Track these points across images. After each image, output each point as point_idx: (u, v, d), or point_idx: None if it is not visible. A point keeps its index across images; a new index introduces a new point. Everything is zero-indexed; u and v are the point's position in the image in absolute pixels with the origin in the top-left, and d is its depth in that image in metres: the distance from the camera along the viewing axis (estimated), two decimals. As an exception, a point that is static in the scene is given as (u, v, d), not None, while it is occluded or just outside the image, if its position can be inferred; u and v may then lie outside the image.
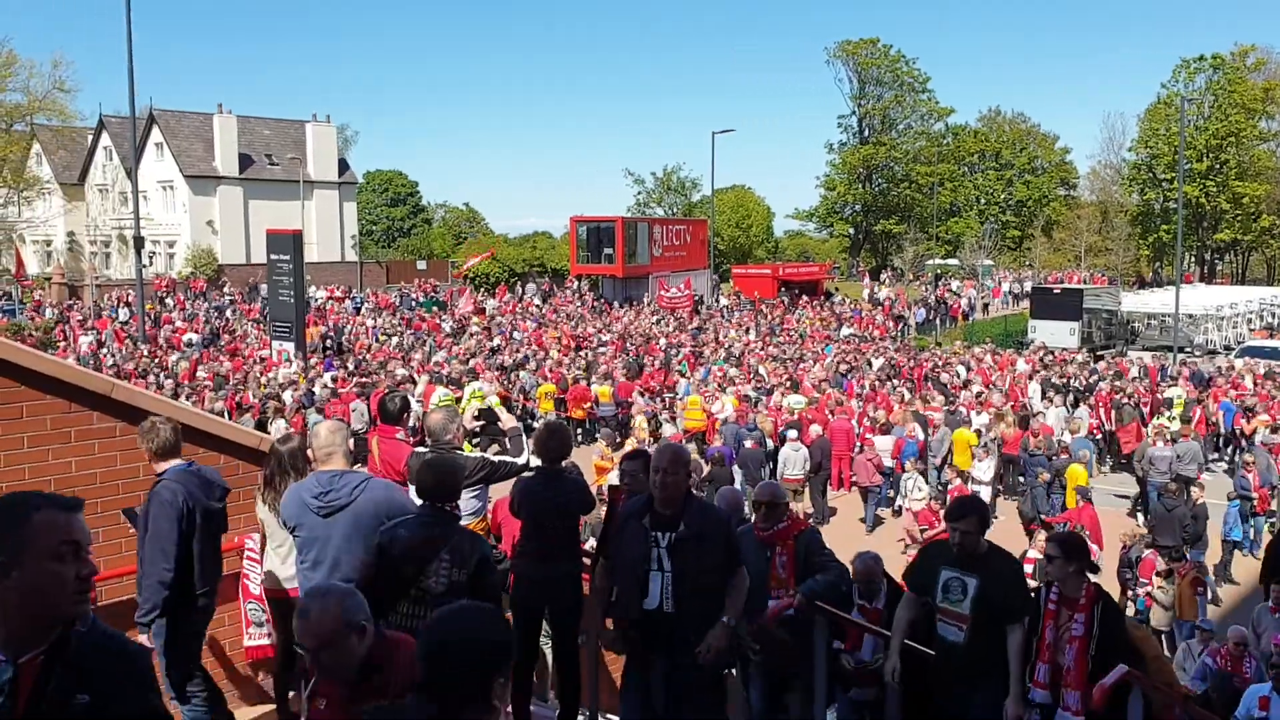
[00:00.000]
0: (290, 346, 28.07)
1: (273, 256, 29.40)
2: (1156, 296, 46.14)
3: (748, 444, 19.40)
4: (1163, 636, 12.58)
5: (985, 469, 18.23)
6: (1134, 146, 74.05)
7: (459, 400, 10.66)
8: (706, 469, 17.23)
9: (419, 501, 5.23)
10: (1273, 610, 9.56)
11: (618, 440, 20.91)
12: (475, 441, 9.26)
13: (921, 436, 19.83)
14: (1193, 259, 71.26)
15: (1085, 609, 5.51)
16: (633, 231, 49.16)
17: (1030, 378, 26.74)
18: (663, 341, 34.41)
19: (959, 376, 27.62)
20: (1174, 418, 21.64)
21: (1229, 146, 66.99)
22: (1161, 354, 34.74)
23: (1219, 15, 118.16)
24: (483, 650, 2.76)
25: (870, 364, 29.96)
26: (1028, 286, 54.13)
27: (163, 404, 6.80)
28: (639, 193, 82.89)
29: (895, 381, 26.57)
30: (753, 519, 6.91)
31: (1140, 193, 73.21)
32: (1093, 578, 5.87)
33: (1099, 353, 36.87)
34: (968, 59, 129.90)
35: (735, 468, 18.56)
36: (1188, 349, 37.59)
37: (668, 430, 20.44)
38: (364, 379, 24.56)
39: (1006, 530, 17.11)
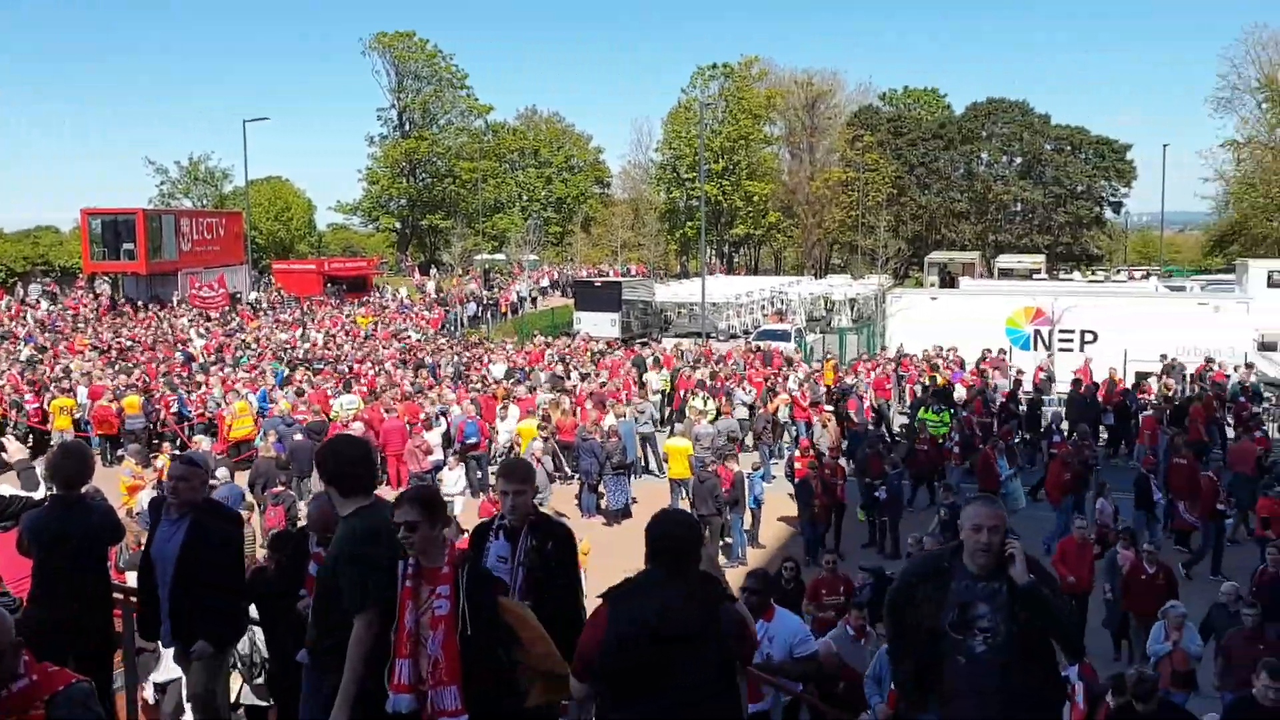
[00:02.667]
0: None
1: None
2: (685, 287, 49.78)
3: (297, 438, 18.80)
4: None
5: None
6: (659, 147, 79.50)
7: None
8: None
9: None
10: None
11: (149, 456, 18.91)
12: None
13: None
14: (714, 252, 77.82)
15: (449, 579, 4.35)
16: (157, 225, 44.88)
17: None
18: (198, 344, 31.70)
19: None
20: (706, 398, 23.23)
21: (740, 149, 73.79)
22: (701, 340, 37.40)
23: (728, 27, 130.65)
24: None
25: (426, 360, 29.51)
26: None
27: None
28: (162, 183, 76.32)
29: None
30: None
31: (667, 191, 78.74)
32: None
33: (638, 340, 39.06)
34: (502, 59, 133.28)
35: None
36: (714, 334, 40.81)
37: (205, 443, 18.64)
38: None
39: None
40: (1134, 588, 11.95)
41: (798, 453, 17.97)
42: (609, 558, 16.54)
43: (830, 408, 21.91)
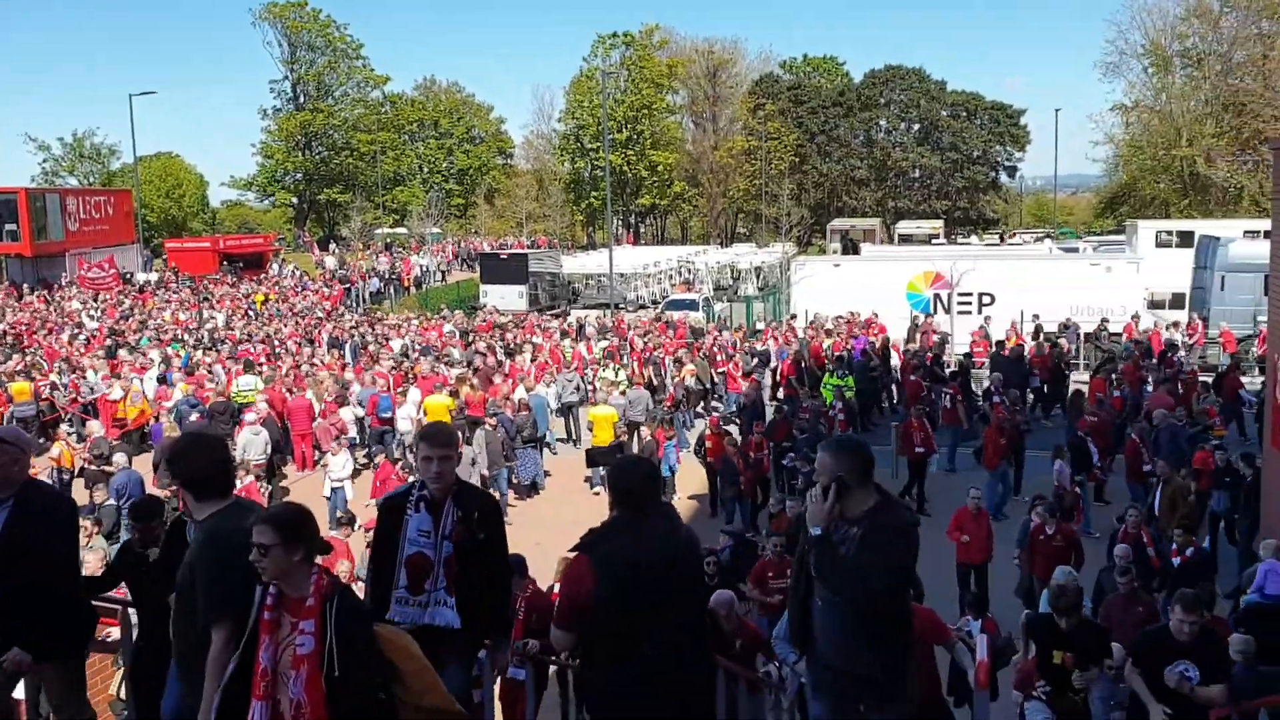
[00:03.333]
0: None
1: None
2: (592, 258, 49.59)
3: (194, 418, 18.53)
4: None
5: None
6: (562, 117, 78.90)
7: None
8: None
9: None
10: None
11: (41, 444, 18.36)
12: None
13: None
14: (620, 223, 77.75)
15: (314, 612, 3.84)
16: (41, 204, 43.14)
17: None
18: (91, 326, 30.60)
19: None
20: (618, 369, 23.21)
21: (643, 118, 73.65)
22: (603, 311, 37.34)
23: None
24: None
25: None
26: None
27: None
28: (45, 160, 73.56)
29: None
30: None
31: (571, 161, 78.25)
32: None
33: (547, 313, 38.84)
34: (398, 28, 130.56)
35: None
36: (623, 305, 40.78)
37: (97, 428, 18.08)
38: None
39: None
40: (1036, 550, 12.11)
41: (708, 430, 17.70)
42: (520, 530, 16.50)
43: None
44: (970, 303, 30.43)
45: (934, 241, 51.03)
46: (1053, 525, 12.16)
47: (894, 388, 24.03)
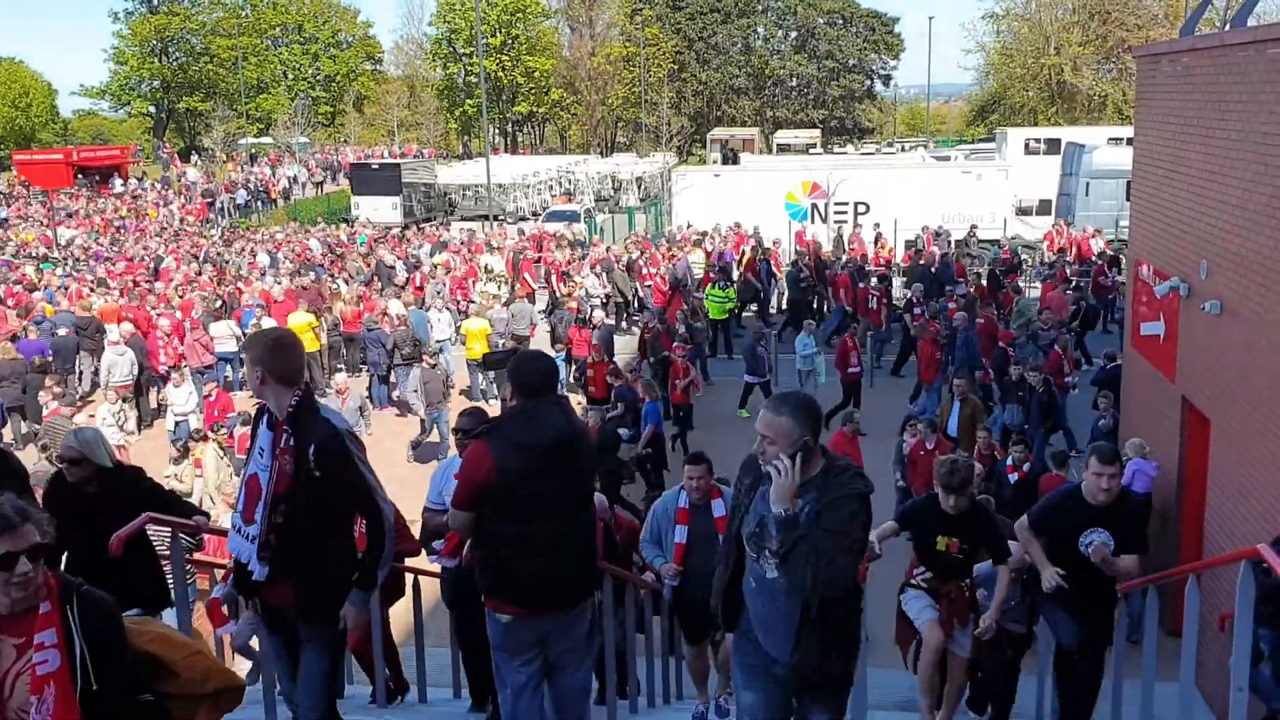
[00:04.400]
0: None
1: None
2: (469, 168, 48.49)
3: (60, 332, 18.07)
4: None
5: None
6: (434, 21, 76.28)
7: None
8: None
9: None
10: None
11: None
12: None
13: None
14: (496, 131, 76.11)
15: (53, 620, 3.05)
16: None
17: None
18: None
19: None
20: (496, 280, 22.87)
21: (518, 22, 71.74)
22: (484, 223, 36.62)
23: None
24: None
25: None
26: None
27: None
28: None
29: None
30: None
31: (444, 67, 75.97)
32: None
33: (421, 225, 37.94)
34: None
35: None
36: (501, 216, 40.07)
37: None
38: None
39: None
40: (918, 466, 12.03)
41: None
42: (402, 445, 16.31)
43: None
44: (846, 212, 30.82)
45: (811, 151, 51.36)
46: (933, 440, 12.22)
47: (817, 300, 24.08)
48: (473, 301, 21.71)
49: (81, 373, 18.40)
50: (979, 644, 6.31)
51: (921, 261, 24.19)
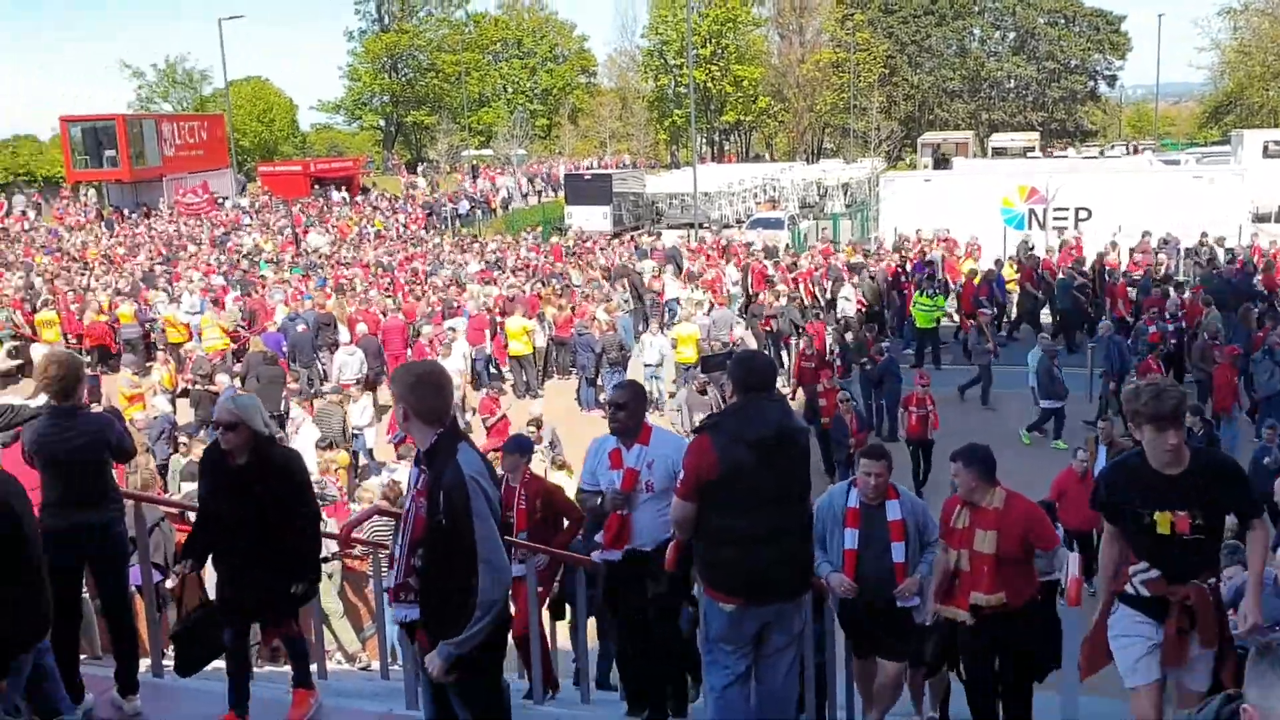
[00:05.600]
0: None
1: None
2: (676, 177, 49.22)
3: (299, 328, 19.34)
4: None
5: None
6: (645, 33, 77.77)
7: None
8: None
9: None
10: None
11: (146, 365, 19.08)
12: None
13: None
14: (704, 140, 76.80)
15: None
16: (138, 130, 44.19)
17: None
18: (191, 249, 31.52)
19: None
20: (697, 287, 23.17)
21: (728, 32, 72.17)
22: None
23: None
24: None
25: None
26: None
27: None
28: (140, 87, 74.97)
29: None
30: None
31: (654, 79, 77.25)
32: None
33: (630, 233, 38.80)
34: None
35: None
36: (707, 224, 40.52)
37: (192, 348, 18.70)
38: None
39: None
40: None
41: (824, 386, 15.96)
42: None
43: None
44: (1066, 218, 29.60)
45: (1029, 155, 49.56)
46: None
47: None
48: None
49: (323, 369, 19.54)
50: (1224, 665, 4.44)
51: (1217, 271, 22.21)
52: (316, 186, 49.62)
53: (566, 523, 7.30)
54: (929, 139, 60.03)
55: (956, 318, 22.46)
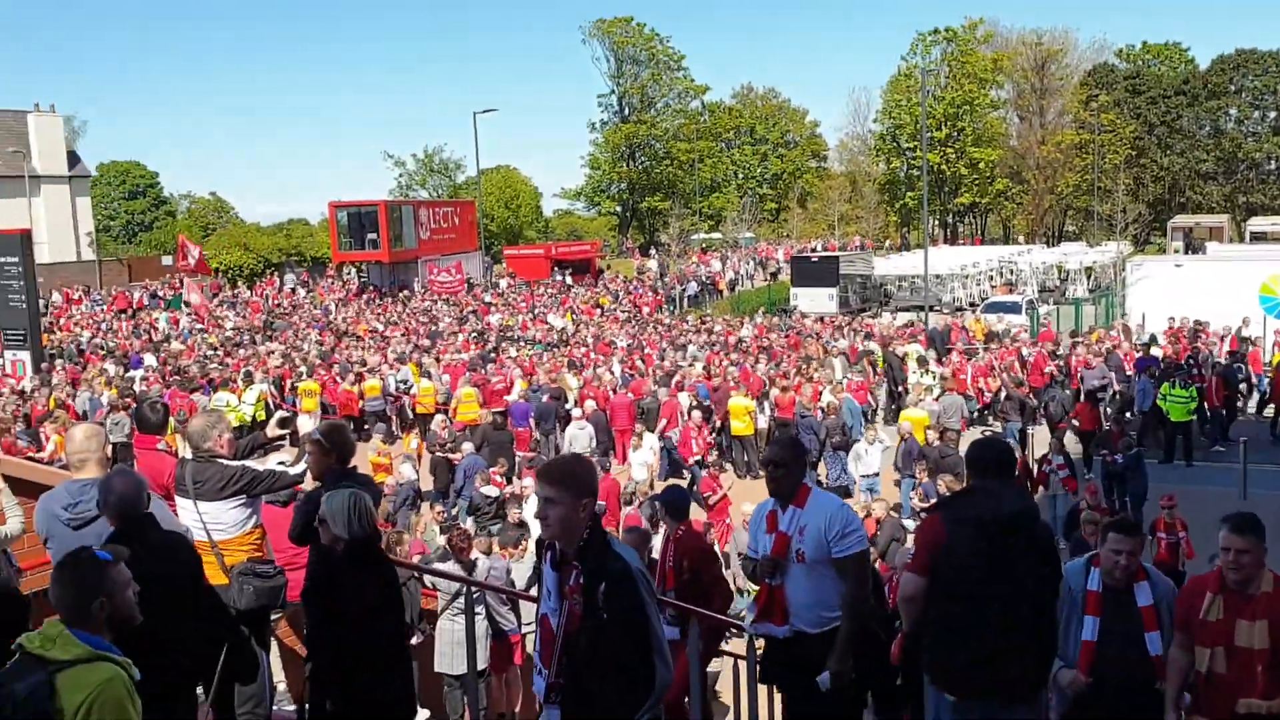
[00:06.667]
0: (25, 356, 25.60)
1: (-1, 259, 26.64)
2: (906, 259, 48.70)
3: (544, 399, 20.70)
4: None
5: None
6: (878, 118, 77.81)
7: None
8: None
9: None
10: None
11: (394, 435, 20.40)
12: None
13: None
14: (936, 223, 75.68)
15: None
16: (398, 215, 47.73)
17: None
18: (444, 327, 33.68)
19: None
20: (933, 373, 22.78)
21: (964, 115, 71.27)
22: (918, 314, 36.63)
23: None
24: None
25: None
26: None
27: None
28: (400, 175, 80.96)
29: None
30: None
31: (886, 162, 76.97)
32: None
33: (858, 315, 38.61)
34: (718, 37, 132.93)
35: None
36: (937, 307, 39.82)
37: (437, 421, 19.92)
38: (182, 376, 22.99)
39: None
40: None
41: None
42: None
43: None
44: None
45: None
46: None
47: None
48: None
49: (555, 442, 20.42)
50: None
51: None
52: (556, 269, 51.91)
53: (713, 598, 6.84)
54: (1180, 222, 57.05)
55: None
